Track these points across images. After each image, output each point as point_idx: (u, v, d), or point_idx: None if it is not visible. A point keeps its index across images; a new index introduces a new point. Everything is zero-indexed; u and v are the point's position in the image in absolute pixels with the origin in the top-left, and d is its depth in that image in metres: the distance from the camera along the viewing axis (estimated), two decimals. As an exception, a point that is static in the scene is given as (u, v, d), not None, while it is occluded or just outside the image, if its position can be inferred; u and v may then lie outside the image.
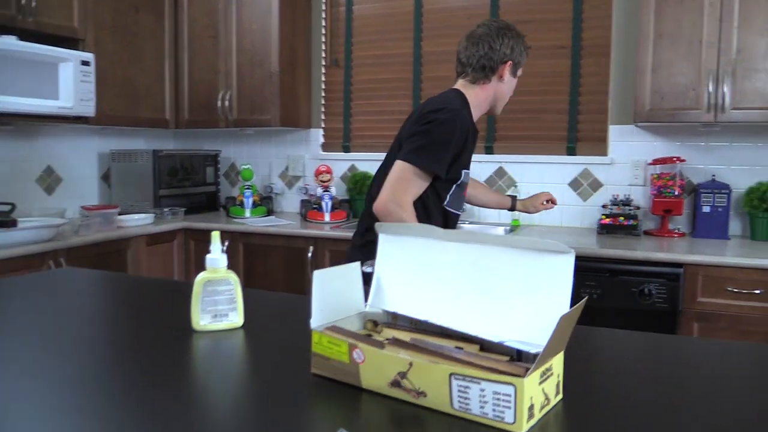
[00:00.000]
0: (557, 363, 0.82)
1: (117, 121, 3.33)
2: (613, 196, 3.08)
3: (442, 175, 1.76)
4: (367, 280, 1.01)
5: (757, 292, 2.35)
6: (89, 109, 3.02)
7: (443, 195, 1.84)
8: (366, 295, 1.02)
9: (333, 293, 0.96)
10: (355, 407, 0.85)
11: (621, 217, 2.95)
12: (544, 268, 0.85)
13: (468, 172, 1.92)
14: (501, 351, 0.86)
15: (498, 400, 0.75)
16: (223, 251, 1.12)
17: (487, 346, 0.87)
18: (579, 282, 2.57)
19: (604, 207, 3.08)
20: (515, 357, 0.85)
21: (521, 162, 3.31)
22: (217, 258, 1.11)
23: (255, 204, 3.64)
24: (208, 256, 1.11)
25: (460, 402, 0.78)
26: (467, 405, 0.77)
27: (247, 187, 3.65)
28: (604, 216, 2.99)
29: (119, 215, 3.14)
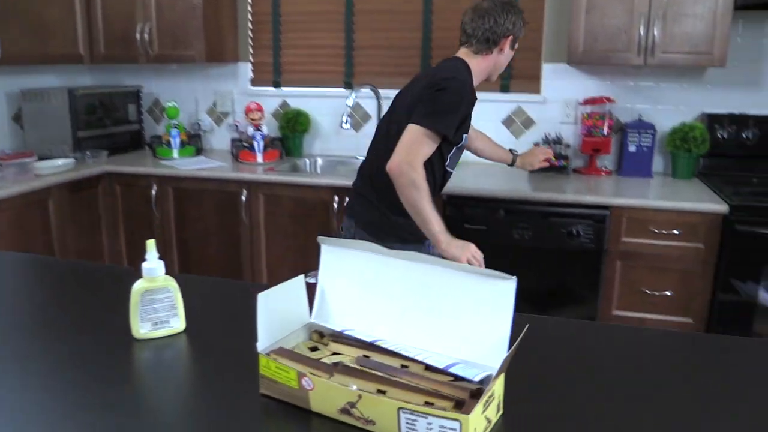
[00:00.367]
0: (498, 386, 0.85)
1: (25, 60, 3.08)
2: (545, 134, 3.13)
3: (451, 138, 1.91)
4: (311, 289, 1.01)
5: (676, 232, 2.50)
6: (-8, 49, 2.77)
7: (446, 156, 2.00)
8: (311, 305, 1.02)
9: (278, 311, 0.95)
10: (305, 430, 0.87)
11: (552, 158, 3.00)
12: (487, 291, 0.87)
13: (467, 135, 2.06)
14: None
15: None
16: (160, 258, 1.08)
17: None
18: (512, 224, 2.65)
19: (536, 145, 3.13)
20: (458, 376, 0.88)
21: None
22: (154, 267, 1.07)
23: (183, 143, 3.49)
24: (144, 264, 1.07)
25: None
26: (415, 434, 0.80)
27: (174, 126, 3.49)
28: (536, 156, 3.04)
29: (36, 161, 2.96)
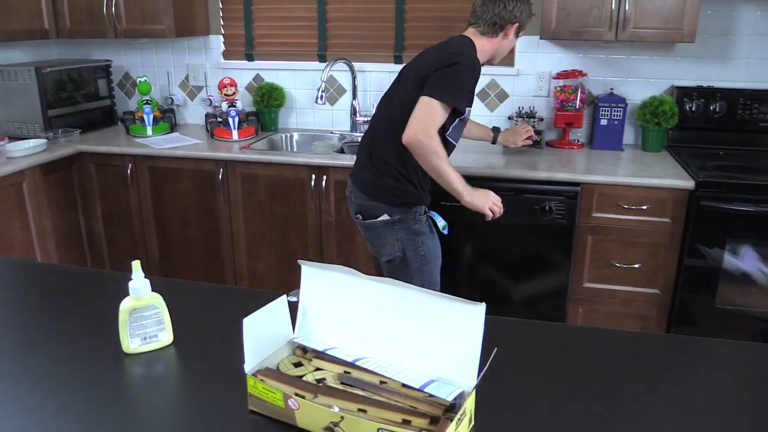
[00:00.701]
0: (470, 402, 0.92)
1: (-13, 37, 2.99)
2: (519, 107, 3.17)
3: (462, 110, 2.05)
4: (293, 307, 1.05)
5: (644, 207, 2.58)
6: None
7: (447, 126, 2.10)
8: (294, 321, 1.07)
9: (262, 331, 1.00)
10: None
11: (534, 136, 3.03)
12: (459, 315, 0.92)
13: (470, 109, 2.16)
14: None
15: (422, 450, 0.84)
16: (145, 277, 1.11)
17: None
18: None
19: (510, 119, 3.18)
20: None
21: (431, 72, 3.28)
22: (140, 287, 1.10)
23: (156, 120, 3.46)
24: (131, 284, 1.10)
25: (388, 448, 0.87)
26: (394, 451, 0.87)
27: (146, 102, 3.45)
28: (509, 130, 3.08)
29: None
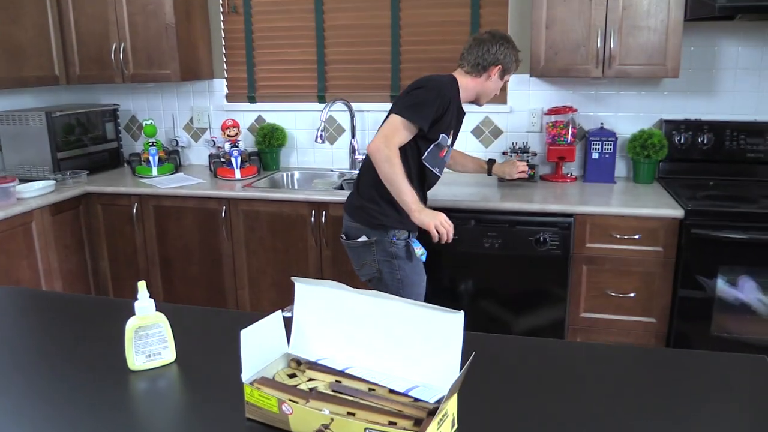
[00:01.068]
0: (451, 404, 0.97)
1: (1, 84, 3.12)
2: (513, 143, 3.26)
3: (424, 128, 2.20)
4: (288, 322, 1.12)
5: (636, 237, 2.64)
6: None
7: (422, 150, 2.29)
8: (288, 336, 1.13)
9: (259, 344, 1.06)
10: (286, 449, 0.98)
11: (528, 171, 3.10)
12: (440, 324, 0.99)
13: (446, 137, 2.32)
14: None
15: (407, 448, 0.90)
16: (150, 297, 1.18)
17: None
18: (482, 233, 2.78)
19: (504, 154, 3.27)
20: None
21: (426, 111, 3.39)
22: (146, 306, 1.17)
23: (161, 161, 3.57)
24: (136, 303, 1.17)
25: (376, 448, 0.92)
26: (382, 450, 0.92)
27: (152, 144, 3.56)
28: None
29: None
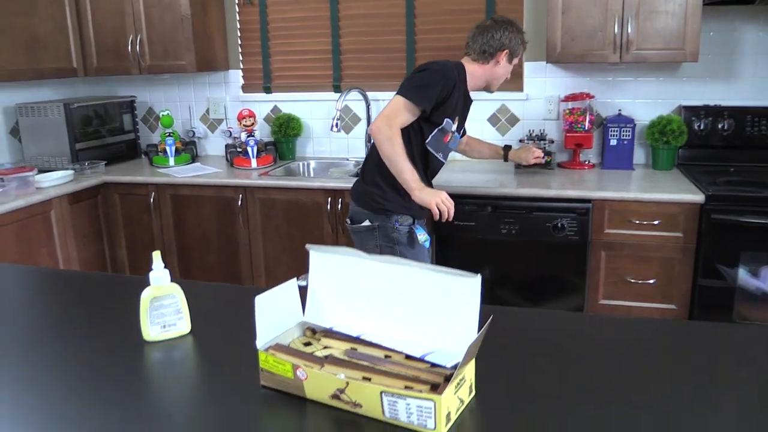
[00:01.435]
0: (469, 370, 0.96)
1: (20, 76, 3.16)
2: (529, 130, 3.24)
3: (427, 110, 2.17)
4: (303, 291, 1.11)
5: (656, 222, 2.61)
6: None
7: (426, 134, 2.26)
8: (303, 305, 1.12)
9: (274, 311, 1.06)
10: (302, 415, 0.98)
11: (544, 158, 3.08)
12: (457, 288, 0.97)
13: (451, 122, 2.29)
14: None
15: (421, 411, 0.89)
16: (165, 267, 1.18)
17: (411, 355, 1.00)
18: (500, 219, 2.76)
19: (521, 141, 3.24)
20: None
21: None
22: (160, 276, 1.17)
23: (178, 151, 3.59)
24: (151, 273, 1.17)
25: (390, 412, 0.91)
26: (396, 414, 0.91)
27: (169, 135, 3.58)
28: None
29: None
